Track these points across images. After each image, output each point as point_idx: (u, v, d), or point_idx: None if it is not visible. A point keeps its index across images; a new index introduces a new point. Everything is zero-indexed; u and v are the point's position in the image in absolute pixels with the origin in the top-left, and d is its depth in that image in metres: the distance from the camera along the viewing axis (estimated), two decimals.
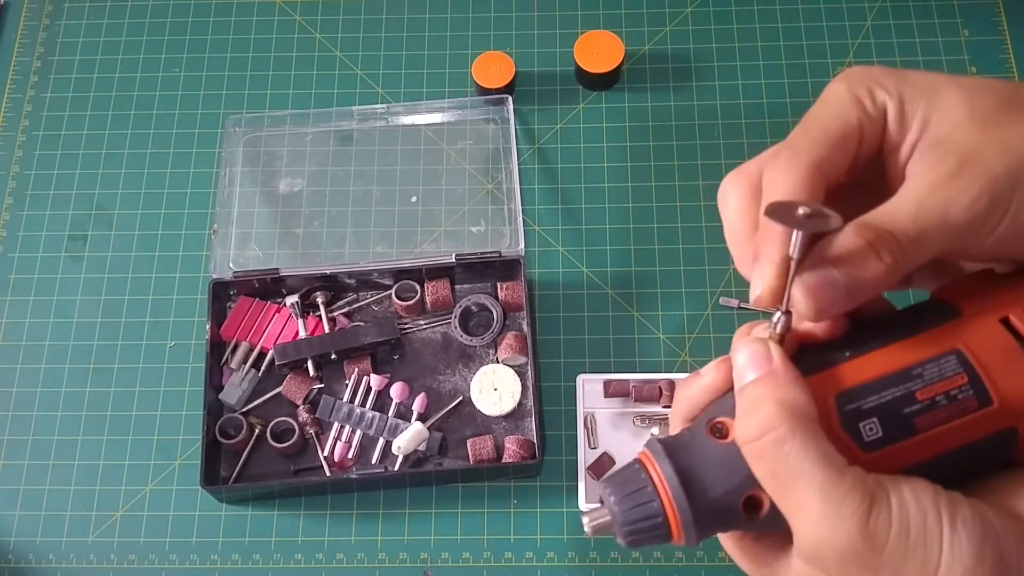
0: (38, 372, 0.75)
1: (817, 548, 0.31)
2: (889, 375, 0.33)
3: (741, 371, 0.34)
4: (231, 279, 0.73)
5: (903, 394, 0.33)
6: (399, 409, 0.71)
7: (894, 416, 0.33)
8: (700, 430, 0.34)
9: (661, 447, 0.34)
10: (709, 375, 0.36)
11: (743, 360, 0.34)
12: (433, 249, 0.76)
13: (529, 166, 0.80)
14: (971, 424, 0.33)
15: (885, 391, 0.33)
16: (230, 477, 0.69)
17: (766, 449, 0.32)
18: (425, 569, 0.68)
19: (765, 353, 0.33)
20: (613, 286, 0.75)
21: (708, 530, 0.34)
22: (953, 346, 0.33)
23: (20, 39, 0.87)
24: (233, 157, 0.79)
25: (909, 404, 0.33)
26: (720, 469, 0.33)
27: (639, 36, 0.84)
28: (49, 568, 0.69)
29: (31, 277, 0.78)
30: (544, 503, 0.69)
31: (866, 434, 0.32)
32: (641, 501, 0.33)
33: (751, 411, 0.33)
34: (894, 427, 0.33)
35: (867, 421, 0.33)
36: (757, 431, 0.32)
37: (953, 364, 0.33)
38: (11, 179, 0.81)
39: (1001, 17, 0.84)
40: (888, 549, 0.30)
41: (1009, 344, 0.33)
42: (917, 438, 0.33)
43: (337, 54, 0.85)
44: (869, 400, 0.33)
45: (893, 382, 0.33)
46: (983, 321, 0.34)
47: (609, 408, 0.70)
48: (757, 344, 0.34)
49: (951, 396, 0.33)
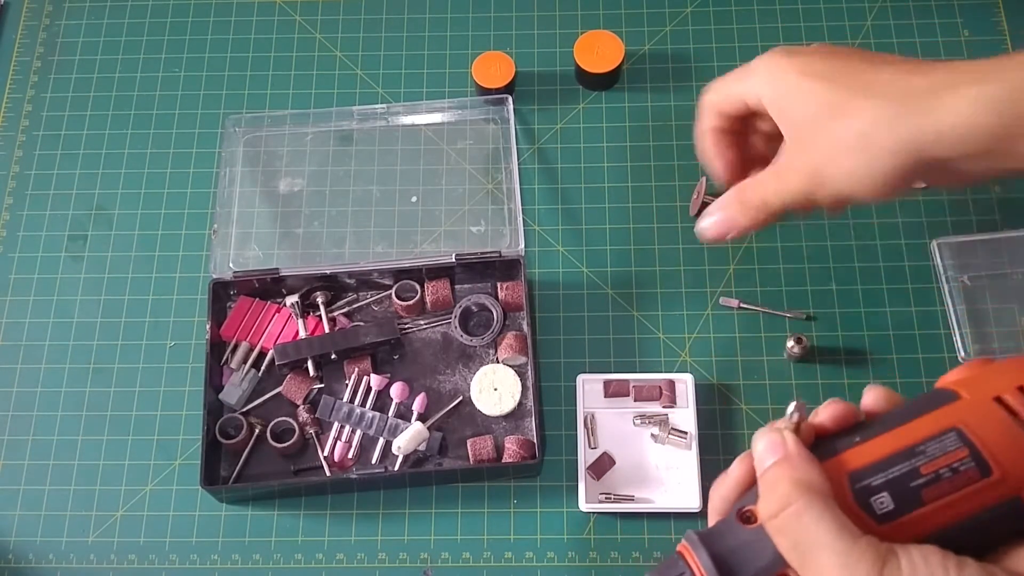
0: (38, 372, 0.75)
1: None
2: (894, 454, 0.37)
3: (761, 458, 0.39)
4: (231, 279, 0.73)
5: (909, 469, 0.37)
6: (399, 409, 0.71)
7: (902, 489, 0.37)
8: (731, 519, 0.39)
9: (697, 537, 0.38)
10: (735, 471, 0.42)
11: (761, 448, 0.40)
12: (433, 249, 0.76)
13: (529, 166, 0.80)
14: (976, 494, 0.36)
15: (892, 468, 0.37)
16: (230, 477, 0.69)
17: (787, 523, 0.36)
18: (425, 569, 0.68)
19: (780, 440, 0.39)
20: (613, 286, 0.75)
21: None
22: (953, 424, 0.38)
23: (20, 39, 0.87)
24: (233, 157, 0.79)
25: (915, 478, 0.37)
26: (750, 552, 0.37)
27: (639, 36, 0.84)
28: (49, 568, 0.69)
29: (31, 277, 0.78)
30: (544, 503, 0.69)
31: (878, 507, 0.36)
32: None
33: (771, 491, 0.38)
34: (903, 499, 0.36)
35: (878, 496, 0.37)
36: (777, 507, 0.37)
37: (953, 440, 0.37)
38: (11, 179, 0.81)
39: (1001, 17, 0.84)
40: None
41: (1004, 420, 0.37)
42: (926, 508, 0.36)
43: (337, 54, 0.85)
44: (878, 477, 0.37)
45: (899, 459, 0.37)
46: (979, 401, 0.38)
47: (609, 408, 0.70)
48: (773, 434, 0.40)
49: (954, 469, 0.36)
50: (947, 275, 0.73)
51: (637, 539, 0.67)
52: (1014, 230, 0.74)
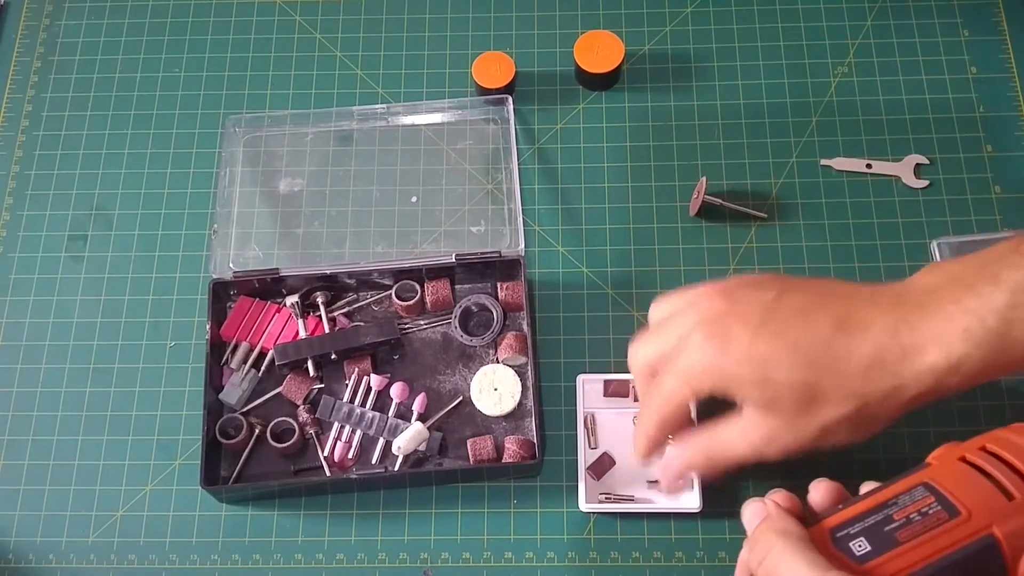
0: (38, 372, 0.75)
1: None
2: (870, 509, 0.42)
3: (748, 525, 0.46)
4: (231, 279, 0.73)
5: (883, 517, 0.41)
6: (399, 409, 0.71)
7: (877, 533, 0.41)
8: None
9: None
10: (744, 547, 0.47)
11: (748, 517, 0.46)
12: (433, 249, 0.76)
13: (529, 166, 0.80)
14: (947, 533, 0.39)
15: (867, 518, 0.42)
16: (230, 477, 0.69)
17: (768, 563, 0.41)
18: (425, 569, 0.68)
19: (761, 506, 0.46)
20: (613, 286, 0.75)
21: None
22: (921, 480, 0.42)
23: (20, 39, 0.87)
24: (233, 157, 0.79)
25: (888, 523, 0.41)
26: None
27: (639, 36, 0.84)
28: (49, 568, 0.69)
29: (31, 277, 0.78)
30: (544, 503, 0.69)
31: (856, 549, 0.40)
32: None
33: (756, 543, 0.43)
34: (879, 541, 0.40)
35: (855, 540, 0.41)
36: (762, 552, 0.42)
37: (921, 491, 0.42)
38: (11, 179, 0.81)
39: (1001, 17, 0.84)
40: None
41: (966, 471, 0.42)
42: (901, 548, 0.39)
43: (337, 54, 0.85)
44: (855, 526, 0.41)
45: (873, 512, 0.42)
46: (945, 463, 0.43)
47: (609, 408, 0.70)
48: (756, 503, 0.46)
49: (923, 512, 0.40)
50: None
51: (637, 539, 0.67)
52: (1014, 230, 0.74)
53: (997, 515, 0.39)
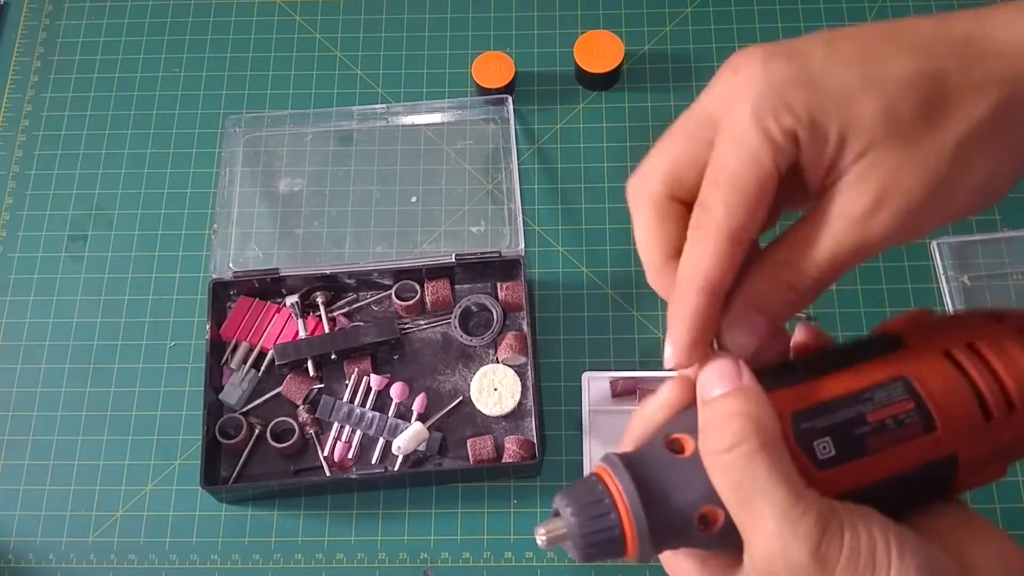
0: (38, 372, 0.75)
1: (769, 564, 0.32)
2: (842, 397, 0.35)
3: (708, 384, 0.34)
4: (231, 279, 0.73)
5: (855, 415, 0.35)
6: (399, 409, 0.71)
7: (846, 436, 0.34)
8: (657, 446, 0.35)
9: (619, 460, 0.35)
10: (667, 394, 0.36)
11: (711, 374, 0.34)
12: (433, 249, 0.76)
13: (529, 166, 0.80)
14: (917, 448, 0.35)
15: (838, 411, 0.35)
16: (230, 477, 0.69)
17: (734, 462, 0.32)
18: (425, 569, 0.68)
19: (734, 369, 0.34)
20: (613, 286, 0.75)
21: (662, 544, 0.35)
22: (901, 373, 0.35)
23: (20, 39, 0.87)
24: (233, 157, 0.79)
25: (860, 425, 0.35)
26: (677, 483, 0.34)
27: (639, 36, 0.84)
28: (49, 568, 0.69)
29: (31, 277, 0.78)
30: (544, 503, 0.69)
31: (820, 452, 0.34)
32: (598, 513, 0.34)
33: (720, 424, 0.33)
34: (846, 446, 0.34)
35: (821, 440, 0.34)
36: (727, 443, 0.32)
37: (900, 390, 0.35)
38: (11, 179, 0.81)
39: None
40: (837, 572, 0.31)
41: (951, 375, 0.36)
42: (867, 459, 0.34)
43: (337, 54, 0.85)
44: (823, 419, 0.34)
45: (845, 403, 0.35)
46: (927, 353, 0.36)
47: (615, 407, 0.70)
48: (727, 360, 0.34)
49: (899, 420, 0.35)
50: (947, 275, 0.73)
51: None
52: (1014, 230, 0.74)
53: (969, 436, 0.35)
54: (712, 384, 0.34)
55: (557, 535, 0.34)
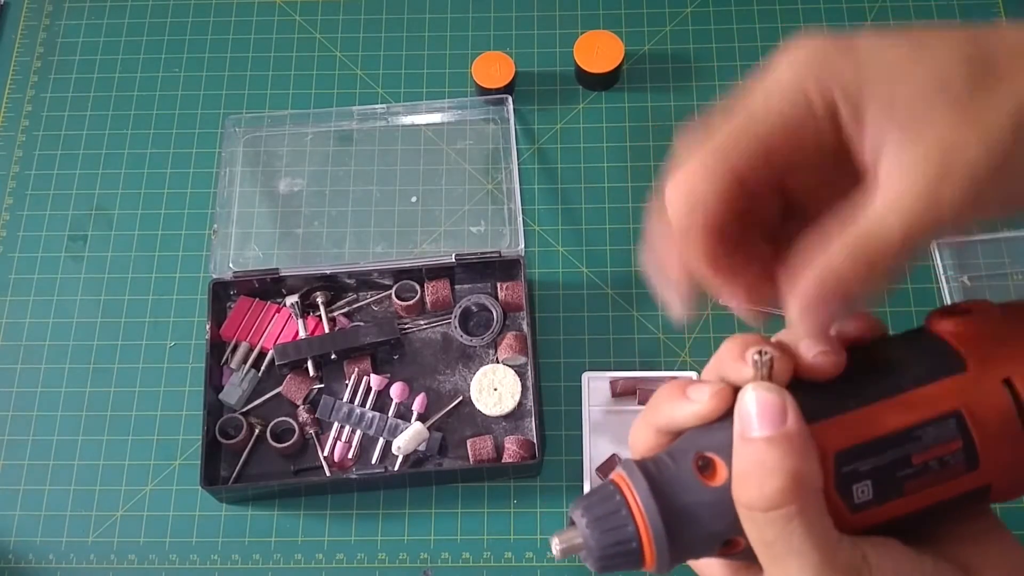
0: (38, 372, 0.75)
1: None
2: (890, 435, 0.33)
3: (748, 420, 0.31)
4: (231, 279, 0.73)
5: (900, 457, 0.32)
6: (399, 409, 0.71)
7: (887, 480, 0.32)
8: (685, 464, 0.33)
9: (641, 474, 0.33)
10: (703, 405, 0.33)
11: (754, 409, 0.31)
12: (433, 249, 0.76)
13: (529, 166, 0.80)
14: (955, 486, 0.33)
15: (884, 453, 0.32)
16: (230, 477, 0.69)
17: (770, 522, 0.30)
18: (425, 569, 0.68)
19: (781, 408, 0.31)
20: (613, 286, 0.75)
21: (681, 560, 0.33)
22: (954, 407, 0.33)
23: (20, 39, 0.87)
24: (233, 157, 0.79)
25: (903, 468, 0.33)
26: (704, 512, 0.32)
27: (639, 36, 0.84)
28: (49, 568, 0.69)
29: (31, 277, 0.78)
30: (544, 503, 0.69)
31: (857, 496, 0.32)
32: (615, 525, 0.33)
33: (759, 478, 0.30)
34: (884, 490, 0.32)
35: (861, 484, 0.32)
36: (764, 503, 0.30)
37: (951, 429, 0.33)
38: (11, 179, 0.81)
39: (1001, 17, 0.84)
40: None
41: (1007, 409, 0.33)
42: (902, 500, 0.33)
43: (337, 54, 0.85)
44: (867, 462, 0.32)
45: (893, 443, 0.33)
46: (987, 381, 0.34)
47: (614, 407, 0.70)
48: (773, 395, 0.31)
49: (943, 461, 0.33)
50: (947, 275, 0.73)
51: None
52: (1014, 230, 0.74)
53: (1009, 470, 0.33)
54: (754, 421, 0.31)
55: (572, 545, 0.33)
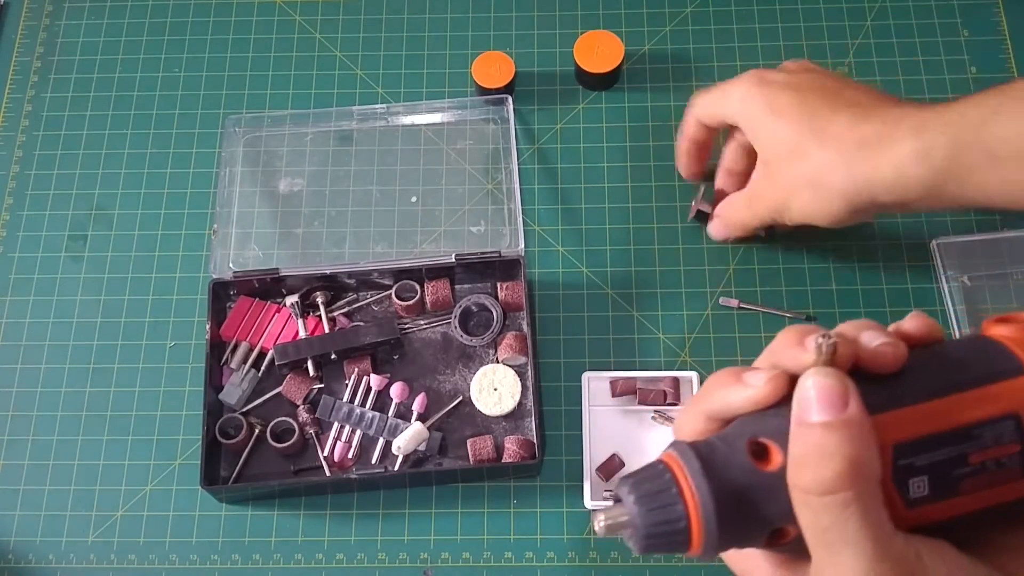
0: (38, 372, 0.75)
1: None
2: (948, 432, 0.32)
3: (808, 406, 0.31)
4: (231, 279, 0.73)
5: (957, 455, 0.32)
6: (399, 409, 0.71)
7: (944, 476, 0.32)
8: (738, 447, 0.33)
9: (694, 454, 0.32)
10: (757, 389, 0.34)
11: (814, 394, 0.31)
12: (433, 249, 0.76)
13: (529, 166, 0.80)
14: (1011, 489, 0.33)
15: (941, 449, 0.32)
16: (230, 477, 0.69)
17: (826, 507, 0.30)
18: (425, 569, 0.68)
19: (843, 394, 0.31)
20: (613, 286, 0.75)
21: (727, 546, 0.33)
22: (1013, 409, 0.33)
23: (20, 39, 0.87)
24: (233, 157, 0.79)
25: (960, 466, 0.32)
26: (756, 496, 0.32)
27: (639, 36, 0.84)
28: (49, 568, 0.69)
29: (31, 277, 0.78)
30: (544, 503, 0.69)
31: (913, 491, 0.32)
32: (665, 503, 0.32)
33: (818, 462, 0.30)
34: (941, 487, 0.32)
35: (917, 479, 0.32)
36: (823, 488, 0.30)
37: (1010, 430, 0.33)
38: (11, 179, 0.81)
39: (1001, 17, 0.84)
40: None
41: None
42: (957, 500, 0.32)
43: (337, 54, 0.85)
44: (924, 456, 0.32)
45: (951, 440, 0.32)
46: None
47: (614, 407, 0.70)
48: (835, 381, 0.31)
49: (1000, 463, 0.32)
50: (947, 275, 0.73)
51: None
52: (1014, 230, 0.74)
53: None
54: (814, 406, 0.31)
55: (617, 523, 0.32)
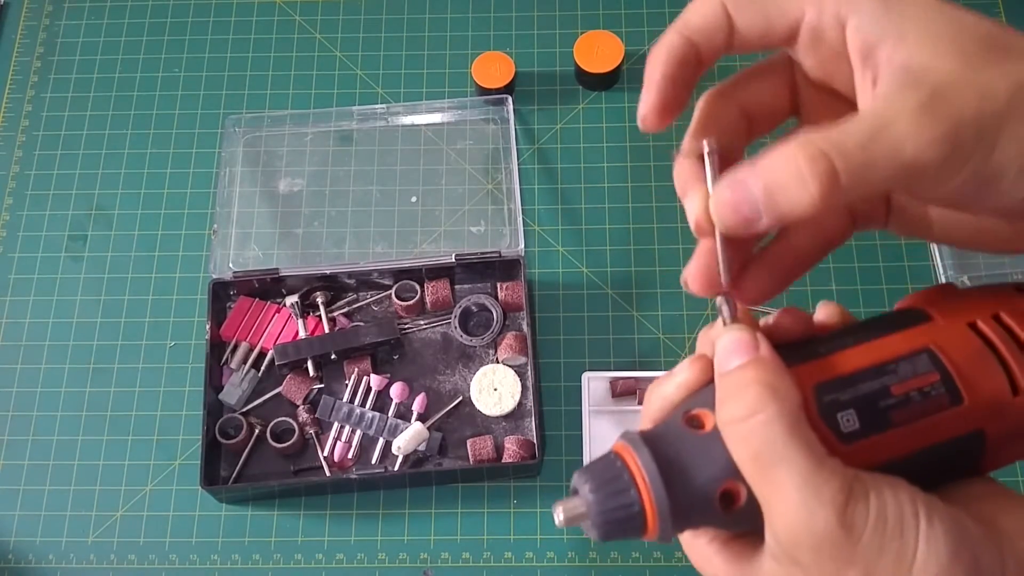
0: (38, 372, 0.75)
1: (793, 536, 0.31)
2: (864, 369, 0.34)
3: (724, 357, 0.34)
4: (231, 279, 0.73)
5: (879, 388, 0.34)
6: (399, 409, 0.71)
7: (871, 408, 0.33)
8: (676, 422, 0.35)
9: (638, 437, 0.34)
10: (683, 373, 0.36)
11: (726, 346, 0.34)
12: (433, 249, 0.76)
13: (529, 166, 0.80)
14: (943, 422, 0.34)
15: (862, 384, 0.34)
16: (230, 477, 0.69)
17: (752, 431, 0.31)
18: (425, 569, 0.68)
19: (751, 341, 0.33)
20: (613, 286, 0.75)
21: (683, 523, 0.34)
22: (924, 344, 0.35)
23: (20, 39, 0.87)
24: (233, 157, 0.79)
25: (885, 398, 0.34)
26: (698, 458, 0.33)
27: (639, 36, 0.84)
28: (49, 568, 0.69)
29: (31, 277, 0.78)
30: (544, 503, 0.69)
31: (844, 425, 0.33)
32: (617, 489, 0.33)
33: (737, 394, 0.32)
34: (871, 419, 0.33)
35: (845, 412, 0.33)
36: (744, 412, 0.32)
37: (925, 362, 0.34)
38: (11, 179, 0.81)
39: (1001, 17, 0.84)
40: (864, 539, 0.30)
41: (977, 346, 0.35)
42: (892, 432, 0.33)
43: (337, 54, 0.85)
44: (847, 392, 0.34)
45: (869, 376, 0.34)
46: (951, 325, 0.35)
47: (614, 407, 0.70)
48: (743, 332, 0.34)
49: (924, 392, 0.34)
50: (947, 275, 0.73)
51: None
52: None
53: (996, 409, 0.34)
54: (729, 356, 0.33)
55: (575, 513, 0.34)
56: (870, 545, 0.30)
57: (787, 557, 0.32)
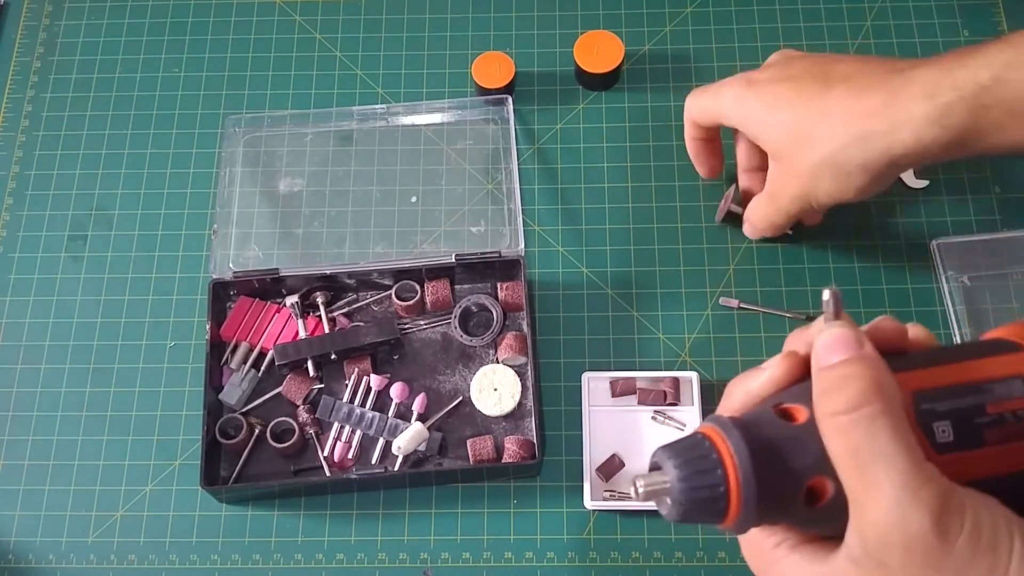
0: (38, 372, 0.74)
1: (882, 535, 0.31)
2: (962, 385, 0.34)
3: (826, 353, 0.34)
4: (231, 279, 0.73)
5: (974, 404, 0.34)
6: (399, 409, 0.71)
7: (966, 423, 0.34)
8: (767, 412, 0.34)
9: (729, 421, 0.34)
10: (773, 369, 0.36)
11: (828, 342, 0.34)
12: (433, 249, 0.76)
13: (529, 166, 0.80)
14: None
15: (958, 398, 0.34)
16: (230, 477, 0.69)
17: (855, 424, 0.31)
18: (425, 569, 0.68)
19: (855, 338, 0.34)
20: (613, 286, 0.75)
21: (764, 514, 0.33)
22: (1018, 372, 0.35)
23: (20, 39, 0.87)
24: (233, 157, 0.79)
25: (979, 415, 0.34)
26: (789, 449, 0.33)
27: (639, 36, 0.84)
28: (49, 568, 0.69)
29: (31, 277, 0.78)
30: (544, 503, 0.69)
31: (939, 435, 0.33)
32: (704, 468, 0.33)
33: (840, 387, 0.32)
34: (965, 434, 0.33)
35: (940, 423, 0.33)
36: (847, 405, 0.32)
37: (1020, 387, 0.35)
38: (11, 179, 0.81)
39: (1001, 17, 0.84)
40: (957, 548, 0.30)
41: None
42: (984, 450, 0.34)
43: (337, 54, 0.85)
44: (943, 403, 0.34)
45: (965, 392, 0.34)
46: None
47: (614, 407, 0.70)
48: (847, 329, 0.34)
49: (1018, 416, 0.34)
50: (947, 275, 0.73)
51: (637, 539, 0.67)
52: (1014, 230, 0.75)
53: None
54: (831, 351, 0.34)
55: (657, 488, 0.33)
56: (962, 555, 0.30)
57: (871, 559, 0.31)
